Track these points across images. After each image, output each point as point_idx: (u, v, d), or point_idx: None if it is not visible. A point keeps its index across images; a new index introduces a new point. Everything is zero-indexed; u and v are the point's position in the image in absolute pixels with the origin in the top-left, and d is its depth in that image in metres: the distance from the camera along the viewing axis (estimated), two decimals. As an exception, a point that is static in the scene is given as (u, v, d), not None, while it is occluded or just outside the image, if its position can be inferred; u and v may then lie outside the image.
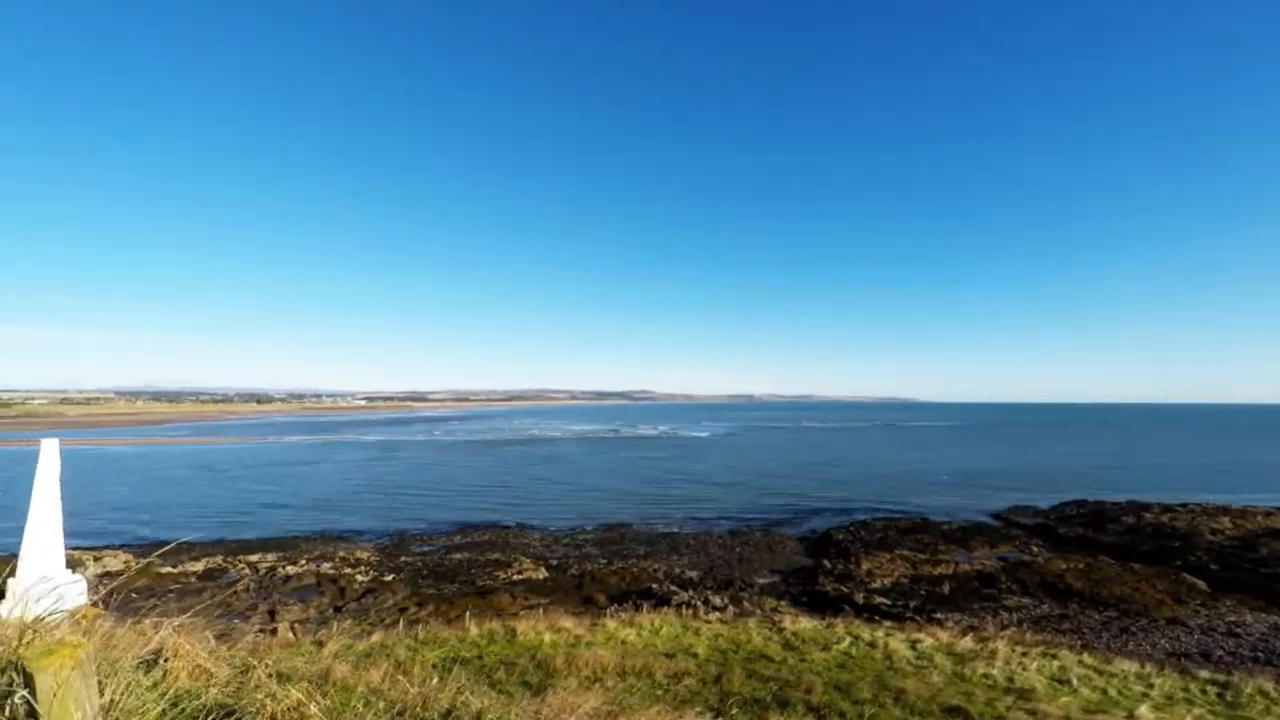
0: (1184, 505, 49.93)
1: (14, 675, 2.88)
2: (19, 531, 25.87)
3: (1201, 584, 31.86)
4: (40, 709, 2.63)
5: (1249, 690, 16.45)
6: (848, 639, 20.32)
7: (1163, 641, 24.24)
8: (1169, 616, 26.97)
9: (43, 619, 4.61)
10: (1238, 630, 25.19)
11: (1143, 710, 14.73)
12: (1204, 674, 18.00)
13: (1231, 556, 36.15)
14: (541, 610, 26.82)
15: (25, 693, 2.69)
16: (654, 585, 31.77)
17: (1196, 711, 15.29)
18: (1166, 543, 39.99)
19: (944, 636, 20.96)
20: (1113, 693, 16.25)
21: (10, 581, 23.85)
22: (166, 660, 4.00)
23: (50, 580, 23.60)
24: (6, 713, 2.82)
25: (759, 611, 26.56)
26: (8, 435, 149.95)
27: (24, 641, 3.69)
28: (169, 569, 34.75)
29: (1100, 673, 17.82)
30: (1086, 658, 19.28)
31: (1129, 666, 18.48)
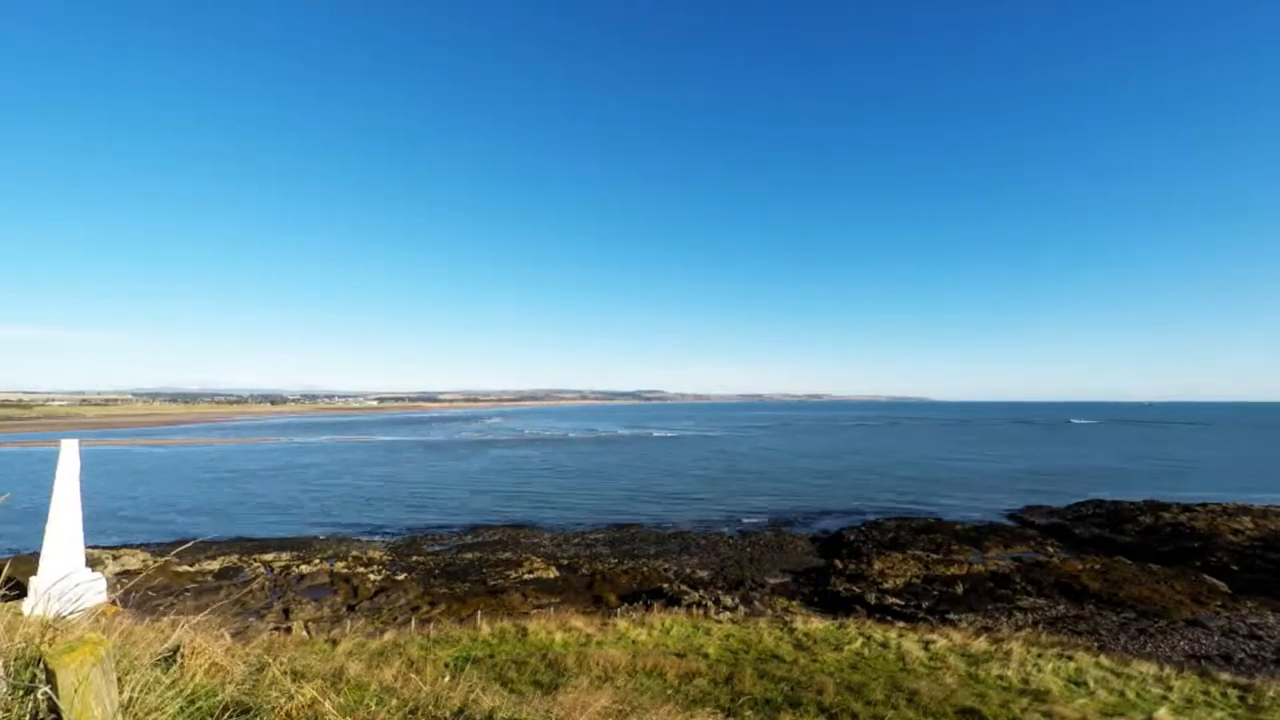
0: (1203, 505, 49.16)
1: (36, 671, 2.93)
2: (40, 531, 26.44)
3: (1222, 585, 31.34)
4: (62, 705, 2.68)
5: (1272, 694, 16.16)
6: (860, 639, 20.21)
7: (1182, 643, 23.88)
8: (1188, 618, 26.55)
9: (64, 617, 4.70)
10: (1260, 632, 24.76)
11: (1161, 713, 14.52)
12: (1225, 677, 17.72)
13: (1253, 557, 35.52)
14: (552, 609, 26.94)
15: (48, 689, 2.74)
16: (665, 585, 31.78)
17: (1217, 715, 15.05)
18: (1185, 543, 39.36)
19: (958, 637, 20.79)
20: (1130, 695, 16.03)
21: (32, 580, 24.35)
22: (184, 658, 4.05)
23: (71, 578, 24.05)
24: (30, 708, 2.87)
25: (770, 612, 26.50)
26: (29, 436, 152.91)
27: (46, 638, 3.77)
28: (185, 567, 35.27)
29: (1117, 675, 17.58)
30: (1103, 659, 19.04)
31: (1147, 669, 18.23)
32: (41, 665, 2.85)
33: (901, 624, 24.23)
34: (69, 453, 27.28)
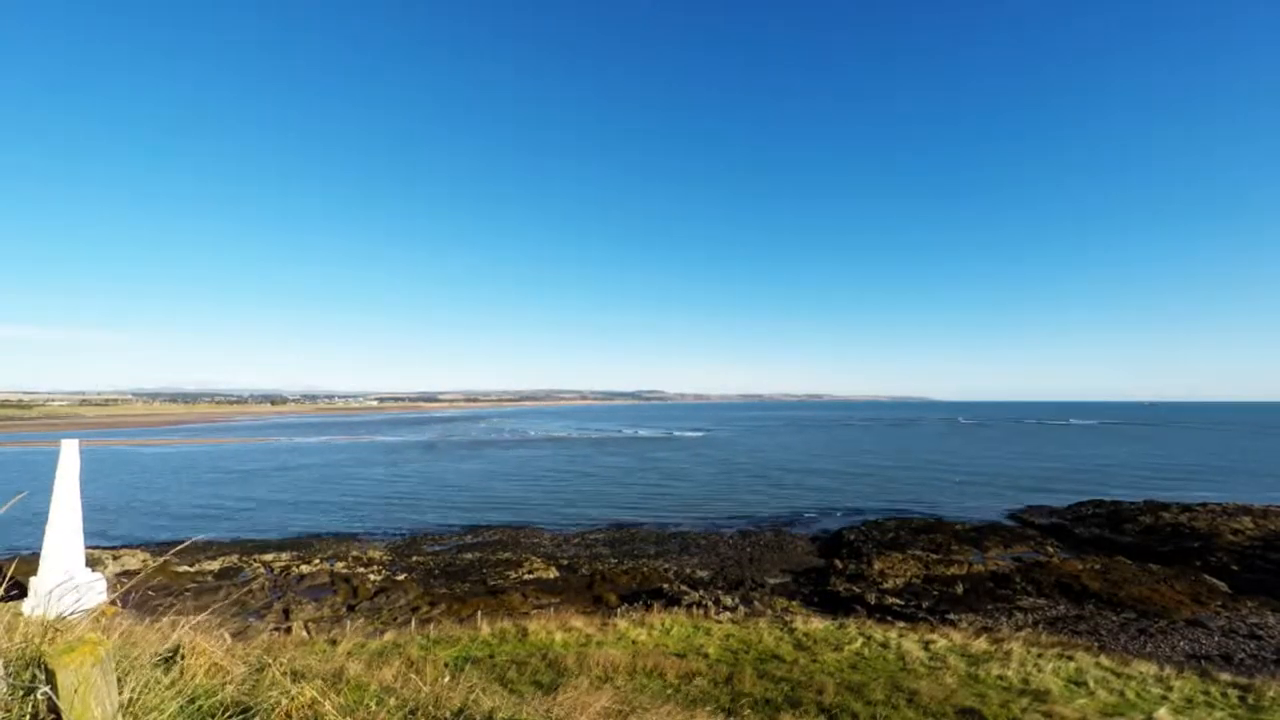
0: (1203, 505, 49.16)
1: (36, 672, 2.93)
2: (41, 531, 26.44)
3: (1222, 585, 31.35)
4: (62, 705, 2.68)
5: (1272, 694, 16.16)
6: (860, 639, 20.21)
7: (1182, 643, 23.88)
8: (1188, 618, 26.55)
9: (64, 617, 4.69)
10: (1260, 632, 24.76)
11: (1161, 713, 14.52)
12: (1225, 677, 17.72)
13: (1253, 557, 35.51)
14: (553, 610, 26.94)
15: (48, 689, 2.75)
16: (665, 585, 31.78)
17: (1217, 715, 15.05)
18: (1185, 543, 39.35)
19: (958, 637, 20.79)
20: (1130, 695, 16.03)
21: (32, 580, 24.37)
22: (183, 658, 4.05)
23: (71, 579, 24.06)
24: (30, 709, 2.87)
25: (770, 612, 26.49)
26: (29, 436, 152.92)
27: (46, 639, 3.77)
28: (185, 568, 35.26)
29: (1117, 675, 17.58)
30: (1103, 659, 19.04)
31: (1147, 669, 18.23)
32: (41, 665, 2.86)
33: (901, 624, 24.22)
34: (69, 453, 27.29)
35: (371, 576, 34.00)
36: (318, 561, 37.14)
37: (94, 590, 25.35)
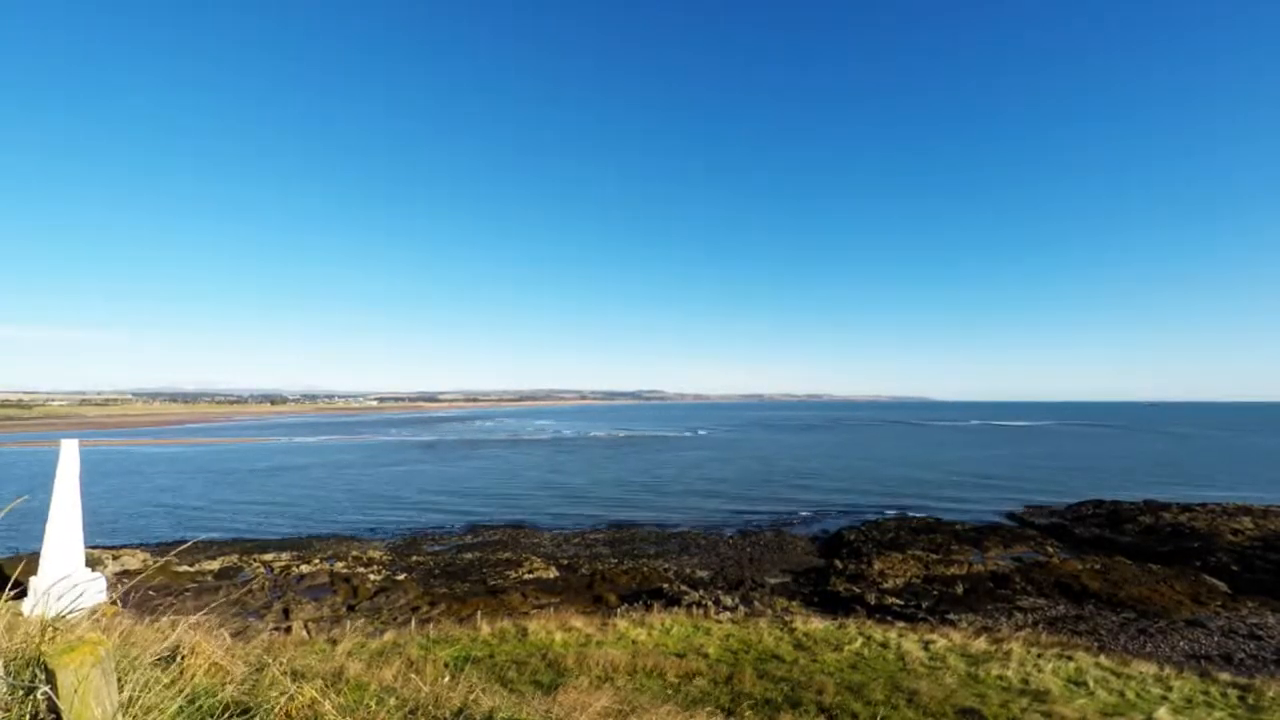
0: (1203, 505, 49.18)
1: (36, 671, 2.94)
2: (40, 531, 26.44)
3: (1222, 585, 31.34)
4: (62, 705, 2.68)
5: (1271, 694, 16.16)
6: (860, 639, 20.21)
7: (1182, 643, 23.88)
8: (1188, 618, 26.55)
9: (63, 616, 4.69)
10: (1259, 633, 24.75)
11: (1161, 713, 14.52)
12: (1224, 677, 17.72)
13: (1253, 557, 35.51)
14: (552, 609, 26.93)
15: (47, 689, 2.75)
16: (664, 585, 31.76)
17: (1217, 715, 15.05)
18: (1185, 543, 39.35)
19: (957, 637, 20.78)
20: (1130, 695, 16.03)
21: (32, 580, 24.36)
22: (183, 657, 4.06)
23: (70, 578, 24.08)
24: (29, 708, 2.87)
25: (770, 611, 26.48)
26: (29, 436, 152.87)
27: (46, 638, 3.77)
28: (185, 567, 35.25)
29: (1117, 675, 17.58)
30: (1103, 659, 19.03)
31: (1147, 669, 18.23)
32: (41, 665, 2.86)
33: (901, 624, 24.21)
34: (69, 453, 27.28)
35: (371, 576, 33.99)
36: (317, 561, 37.14)
37: (94, 590, 25.37)
